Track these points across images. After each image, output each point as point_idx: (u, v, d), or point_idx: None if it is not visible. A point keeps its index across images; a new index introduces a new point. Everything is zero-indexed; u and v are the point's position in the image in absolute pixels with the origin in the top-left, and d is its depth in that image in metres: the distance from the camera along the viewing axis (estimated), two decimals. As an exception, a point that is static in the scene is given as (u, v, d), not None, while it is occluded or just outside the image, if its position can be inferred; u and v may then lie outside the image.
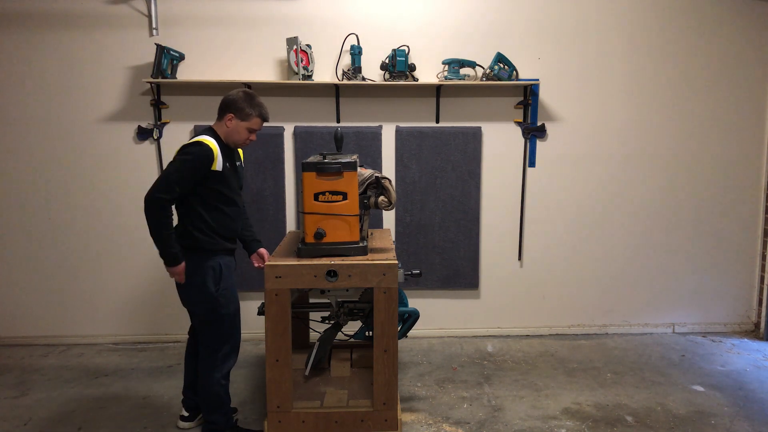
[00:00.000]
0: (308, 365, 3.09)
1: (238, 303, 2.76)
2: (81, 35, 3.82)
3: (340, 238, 2.71)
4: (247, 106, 2.62)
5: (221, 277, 2.65)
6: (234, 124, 2.63)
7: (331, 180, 2.68)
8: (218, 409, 2.72)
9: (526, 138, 4.04)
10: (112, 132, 3.91)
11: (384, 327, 2.67)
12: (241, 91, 2.65)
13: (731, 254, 4.23)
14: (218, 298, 2.64)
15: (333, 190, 2.68)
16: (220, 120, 2.66)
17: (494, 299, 4.19)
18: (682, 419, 2.98)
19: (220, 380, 2.69)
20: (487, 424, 2.94)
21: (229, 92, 2.67)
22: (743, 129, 4.12)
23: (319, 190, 2.68)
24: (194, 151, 2.52)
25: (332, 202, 2.69)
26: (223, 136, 2.66)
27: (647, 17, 3.97)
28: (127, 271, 4.03)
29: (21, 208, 3.96)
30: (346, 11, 3.87)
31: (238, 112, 2.62)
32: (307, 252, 2.70)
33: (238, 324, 2.77)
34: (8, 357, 3.85)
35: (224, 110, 2.64)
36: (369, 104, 3.96)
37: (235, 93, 2.64)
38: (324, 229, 2.68)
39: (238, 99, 2.62)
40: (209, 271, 2.62)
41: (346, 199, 2.69)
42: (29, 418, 3.02)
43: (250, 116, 2.63)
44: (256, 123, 2.66)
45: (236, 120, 2.63)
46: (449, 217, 4.04)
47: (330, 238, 2.70)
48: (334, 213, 2.69)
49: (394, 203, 2.81)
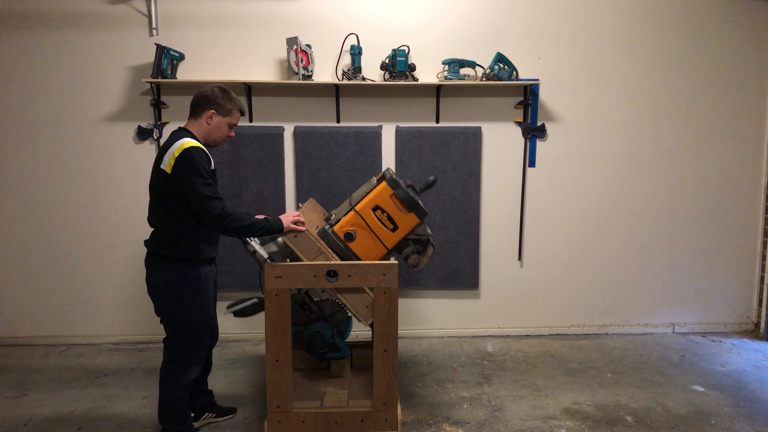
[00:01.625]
0: (233, 307, 3.03)
1: (211, 314, 2.69)
2: (81, 35, 3.82)
3: (360, 253, 2.74)
4: (227, 102, 2.56)
5: (199, 289, 2.56)
6: (216, 121, 2.56)
7: (399, 209, 2.70)
8: (173, 419, 2.64)
9: (526, 138, 4.04)
10: (112, 132, 3.92)
11: (384, 327, 2.67)
12: (217, 87, 2.58)
13: (731, 254, 4.23)
14: (192, 310, 2.55)
15: (393, 216, 2.71)
16: (198, 118, 2.56)
17: (494, 299, 4.19)
18: (682, 419, 2.98)
19: (178, 390, 2.60)
20: (487, 424, 2.94)
21: (201, 90, 2.58)
22: (743, 129, 4.12)
23: (384, 206, 2.69)
24: (200, 156, 2.43)
25: (382, 223, 2.71)
26: (202, 134, 2.57)
27: (647, 17, 3.97)
28: (127, 271, 4.03)
29: (21, 208, 3.96)
30: (346, 11, 3.87)
31: (219, 108, 2.55)
32: (325, 237, 2.71)
33: (207, 336, 2.69)
34: (8, 357, 3.85)
35: (203, 107, 2.55)
36: (369, 104, 3.96)
37: (211, 89, 2.56)
38: (356, 235, 2.68)
39: (217, 95, 2.55)
40: (187, 282, 2.52)
41: (393, 231, 2.71)
42: (29, 418, 3.02)
43: (231, 111, 2.58)
44: (236, 117, 2.62)
45: (218, 116, 2.56)
46: (449, 217, 4.04)
47: (354, 246, 2.70)
48: (375, 233, 2.69)
49: (420, 269, 2.85)
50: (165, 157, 2.44)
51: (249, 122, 3.93)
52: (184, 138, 2.48)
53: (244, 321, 4.09)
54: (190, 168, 2.40)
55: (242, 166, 3.92)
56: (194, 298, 2.54)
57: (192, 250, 2.52)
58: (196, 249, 2.53)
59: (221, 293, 3.90)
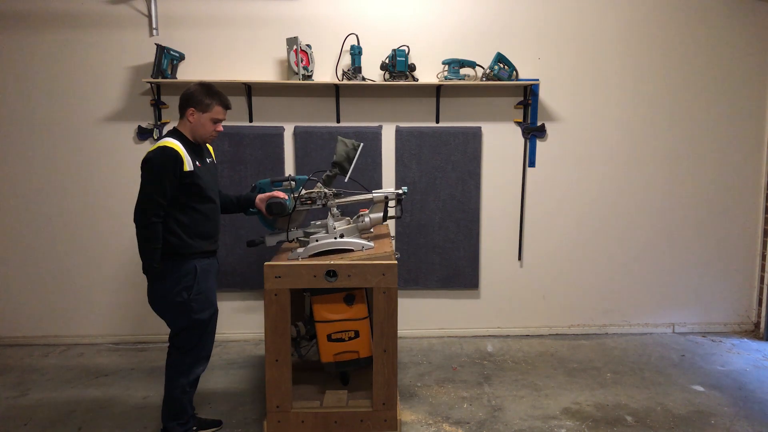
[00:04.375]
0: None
1: (214, 307, 2.69)
2: (81, 35, 3.82)
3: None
4: (205, 97, 2.56)
5: (196, 281, 2.57)
6: (196, 118, 2.58)
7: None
8: (178, 418, 2.64)
9: (526, 138, 4.04)
10: (112, 132, 3.92)
11: (384, 327, 2.67)
12: (197, 84, 2.60)
13: (731, 254, 4.23)
14: (191, 303, 2.55)
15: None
16: (183, 117, 2.60)
17: (494, 299, 4.19)
18: (682, 419, 2.98)
19: (185, 387, 2.61)
20: (487, 424, 2.94)
21: (185, 88, 2.61)
22: (743, 129, 4.11)
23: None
24: (158, 158, 2.46)
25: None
26: (189, 133, 2.61)
27: (647, 17, 3.97)
28: (127, 271, 4.03)
29: (21, 208, 3.96)
30: (346, 11, 3.87)
31: (198, 105, 2.56)
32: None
33: (212, 330, 2.69)
34: (8, 357, 3.85)
35: (184, 106, 2.59)
36: (369, 104, 3.96)
37: (192, 87, 2.59)
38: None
39: (195, 92, 2.57)
40: (183, 277, 2.54)
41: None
42: (29, 418, 3.02)
43: (210, 106, 2.57)
44: (218, 112, 2.60)
45: (197, 113, 2.57)
46: (449, 217, 4.04)
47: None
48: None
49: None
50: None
51: (249, 122, 3.93)
52: (165, 138, 2.55)
53: (243, 322, 4.10)
54: (148, 167, 2.48)
55: (242, 166, 3.92)
56: (191, 290, 2.55)
57: (183, 244, 2.54)
58: (188, 243, 2.55)
59: (222, 293, 3.91)
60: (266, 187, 2.96)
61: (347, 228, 2.84)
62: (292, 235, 2.90)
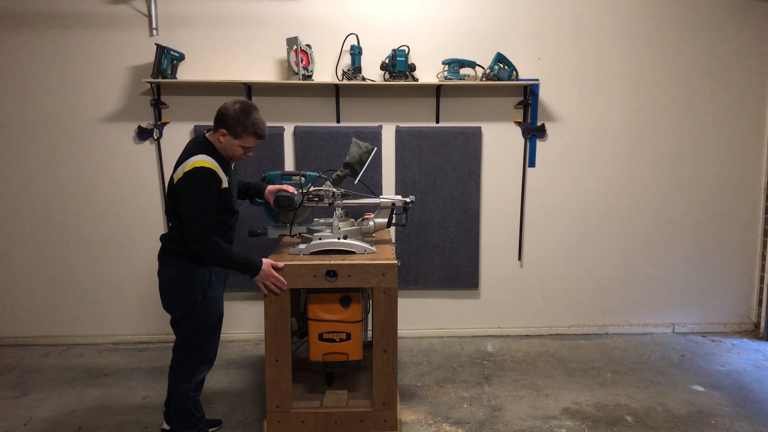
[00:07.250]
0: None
1: (220, 312, 2.67)
2: (81, 35, 3.82)
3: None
4: (238, 125, 2.45)
5: (209, 286, 2.56)
6: (226, 141, 2.49)
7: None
8: (186, 422, 2.62)
9: (526, 138, 4.04)
10: (112, 132, 3.92)
11: (384, 327, 2.67)
12: (238, 105, 2.47)
13: (731, 254, 4.23)
14: (202, 307, 2.54)
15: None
16: (215, 132, 2.52)
17: (494, 299, 4.19)
18: (682, 419, 2.98)
19: (189, 391, 2.59)
20: (487, 424, 2.94)
21: (226, 102, 2.50)
22: (743, 129, 4.11)
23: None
24: (206, 179, 2.41)
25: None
26: (218, 149, 2.54)
27: (647, 17, 3.97)
28: (128, 271, 4.04)
29: (21, 208, 3.96)
30: (346, 11, 3.87)
31: (230, 130, 2.46)
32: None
33: (217, 335, 2.67)
34: (8, 357, 3.85)
35: (218, 124, 2.50)
36: (369, 104, 3.96)
37: (231, 105, 2.47)
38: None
39: (230, 116, 2.45)
40: (198, 278, 2.52)
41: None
42: (29, 418, 3.02)
43: (242, 135, 2.47)
44: (249, 141, 2.51)
45: (228, 137, 2.48)
46: (449, 217, 4.04)
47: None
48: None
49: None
50: (179, 168, 2.45)
51: (249, 122, 3.93)
52: (200, 155, 2.44)
53: (242, 322, 4.10)
54: (192, 187, 2.41)
55: (242, 166, 3.92)
56: (204, 295, 2.54)
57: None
58: None
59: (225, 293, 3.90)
60: (276, 180, 2.96)
61: (351, 230, 2.84)
62: (295, 230, 2.91)
